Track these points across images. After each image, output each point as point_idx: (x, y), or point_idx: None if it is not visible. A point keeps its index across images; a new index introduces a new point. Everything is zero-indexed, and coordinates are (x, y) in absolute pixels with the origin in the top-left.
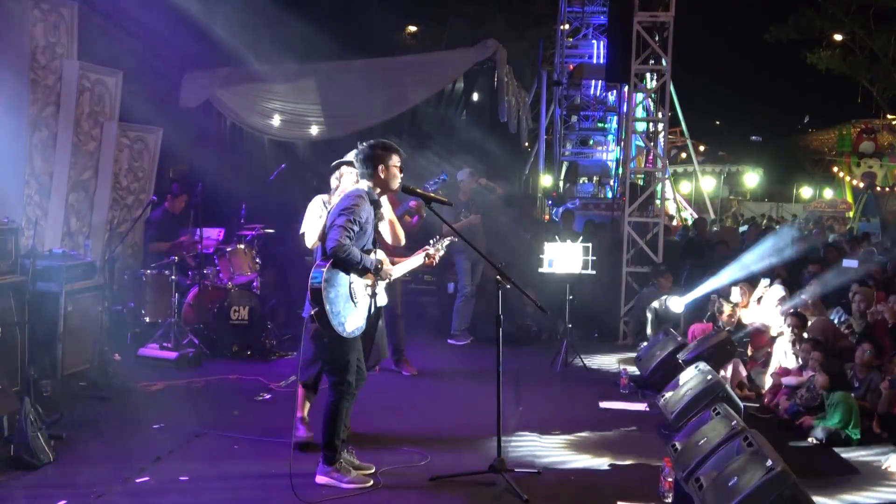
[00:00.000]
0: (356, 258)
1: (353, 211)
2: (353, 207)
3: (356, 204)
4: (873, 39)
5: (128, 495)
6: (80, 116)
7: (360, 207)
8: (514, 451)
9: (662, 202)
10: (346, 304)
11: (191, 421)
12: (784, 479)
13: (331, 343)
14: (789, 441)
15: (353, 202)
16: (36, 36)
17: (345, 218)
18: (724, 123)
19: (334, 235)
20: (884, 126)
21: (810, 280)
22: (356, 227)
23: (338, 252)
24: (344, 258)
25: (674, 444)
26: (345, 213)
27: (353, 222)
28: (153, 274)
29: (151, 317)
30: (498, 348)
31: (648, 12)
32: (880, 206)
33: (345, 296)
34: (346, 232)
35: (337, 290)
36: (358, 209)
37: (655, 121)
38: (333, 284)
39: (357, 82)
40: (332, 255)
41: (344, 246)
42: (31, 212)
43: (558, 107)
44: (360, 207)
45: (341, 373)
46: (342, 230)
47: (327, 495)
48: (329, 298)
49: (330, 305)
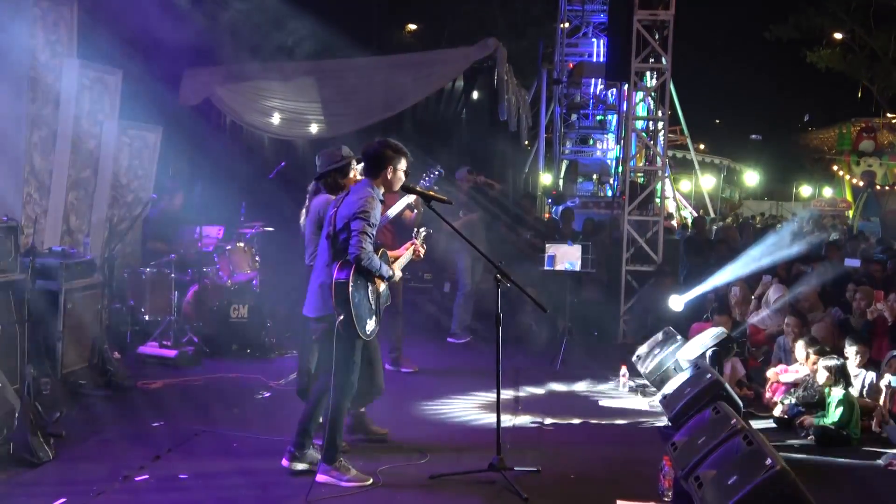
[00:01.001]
0: (376, 267)
1: (370, 214)
2: (369, 211)
3: (372, 207)
4: (873, 38)
5: (127, 493)
6: (79, 115)
7: (374, 208)
8: (513, 449)
9: (662, 201)
10: (367, 307)
11: (190, 419)
12: (783, 477)
13: (347, 344)
14: (789, 440)
15: (367, 205)
16: (36, 34)
17: (361, 222)
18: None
19: (356, 242)
20: (884, 125)
21: (806, 277)
22: (372, 230)
23: (361, 260)
24: (366, 266)
25: (673, 443)
26: (361, 216)
27: (370, 226)
28: (153, 272)
29: (151, 315)
30: (498, 347)
31: (648, 10)
32: (880, 205)
33: (366, 298)
34: (367, 237)
35: (360, 293)
36: (373, 212)
37: (655, 119)
38: (358, 288)
39: (357, 80)
40: (356, 262)
41: (367, 252)
42: (30, 210)
43: (558, 105)
44: (374, 210)
45: (347, 373)
46: (363, 237)
47: (327, 494)
48: (355, 303)
49: (355, 309)
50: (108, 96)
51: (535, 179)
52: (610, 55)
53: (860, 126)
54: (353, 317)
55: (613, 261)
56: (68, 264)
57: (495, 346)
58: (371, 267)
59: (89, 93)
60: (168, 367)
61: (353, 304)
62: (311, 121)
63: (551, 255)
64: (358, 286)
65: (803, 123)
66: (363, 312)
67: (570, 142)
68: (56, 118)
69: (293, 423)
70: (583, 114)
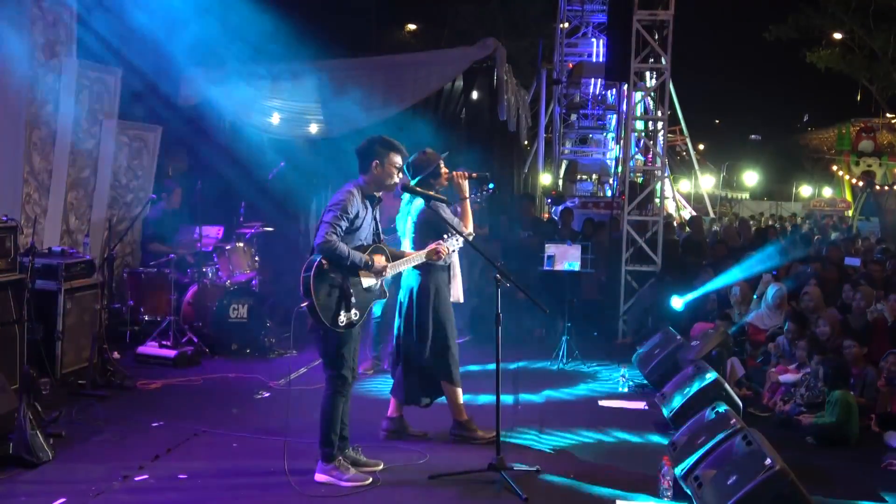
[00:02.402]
0: (343, 254)
1: (342, 206)
2: (341, 203)
3: (345, 199)
4: (873, 38)
5: (126, 493)
6: (79, 115)
7: (350, 203)
8: (513, 449)
9: (662, 201)
10: (339, 297)
11: (190, 419)
12: (782, 477)
13: (324, 335)
14: (788, 439)
15: (342, 197)
16: (35, 34)
17: (332, 214)
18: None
19: (321, 232)
20: (883, 125)
21: (809, 278)
22: (344, 222)
23: (324, 249)
24: (330, 255)
25: (673, 443)
26: (333, 208)
27: (340, 218)
28: (152, 272)
29: (150, 315)
30: (497, 347)
31: (648, 11)
32: (879, 205)
33: (337, 289)
34: (333, 228)
35: (328, 283)
36: (347, 204)
37: (655, 119)
38: (324, 279)
39: (356, 80)
40: (319, 252)
41: (330, 242)
42: (30, 210)
43: (558, 105)
44: (349, 203)
45: (335, 366)
46: (329, 227)
47: (327, 493)
48: (317, 291)
49: (317, 298)
50: (107, 96)
51: (534, 179)
52: (609, 55)
53: (860, 126)
54: (316, 307)
55: (613, 260)
56: (68, 264)
57: (495, 346)
58: (335, 255)
59: (89, 93)
60: (168, 368)
61: (315, 292)
62: (311, 121)
63: (551, 255)
64: (327, 277)
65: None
66: (331, 303)
67: (570, 142)
68: (56, 118)
69: (292, 423)
70: (582, 114)
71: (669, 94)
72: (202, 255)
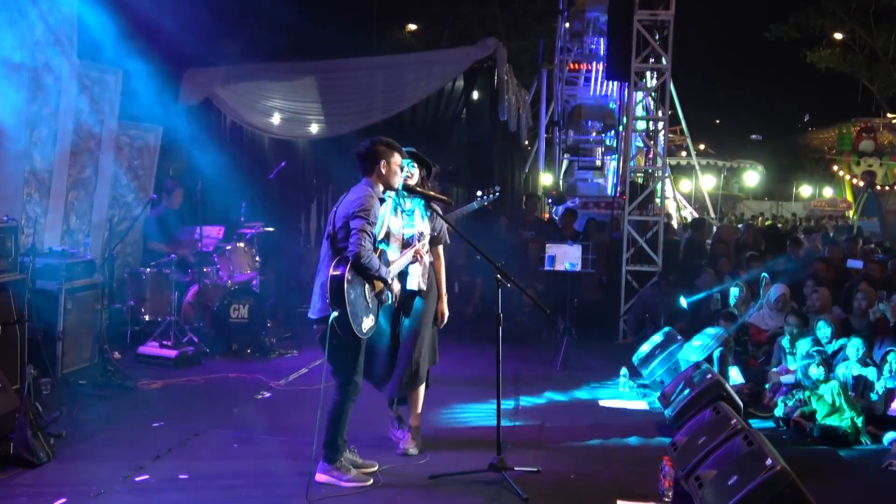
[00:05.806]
0: (375, 266)
1: (370, 212)
2: (369, 209)
3: (371, 205)
4: (873, 38)
5: (127, 493)
6: (79, 115)
7: (374, 206)
8: (513, 449)
9: (662, 201)
10: (364, 305)
11: (190, 419)
12: (783, 478)
13: (345, 343)
14: (788, 439)
15: (367, 203)
16: (36, 34)
17: (361, 221)
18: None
19: (355, 240)
20: (884, 125)
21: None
22: (372, 227)
23: (361, 258)
24: (365, 265)
25: (673, 443)
26: (361, 214)
27: (371, 224)
28: (153, 272)
29: (151, 315)
30: (498, 347)
31: (649, 11)
32: (880, 205)
33: (362, 296)
34: (367, 237)
35: (357, 290)
36: (373, 210)
37: (655, 119)
38: (354, 285)
39: (357, 80)
40: (354, 261)
41: (367, 251)
42: (30, 210)
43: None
44: (374, 207)
45: (349, 373)
46: (363, 235)
47: (327, 494)
48: (350, 300)
49: (351, 306)
50: (108, 96)
51: (535, 179)
52: (610, 55)
53: (860, 126)
54: (349, 314)
55: (613, 260)
56: (68, 264)
57: (495, 346)
58: (370, 265)
59: (89, 93)
60: (168, 368)
61: (348, 300)
62: (311, 121)
63: (551, 255)
64: (354, 284)
65: (803, 123)
66: (359, 310)
67: None
68: (56, 118)
69: (293, 423)
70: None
71: (670, 93)
72: (203, 255)
